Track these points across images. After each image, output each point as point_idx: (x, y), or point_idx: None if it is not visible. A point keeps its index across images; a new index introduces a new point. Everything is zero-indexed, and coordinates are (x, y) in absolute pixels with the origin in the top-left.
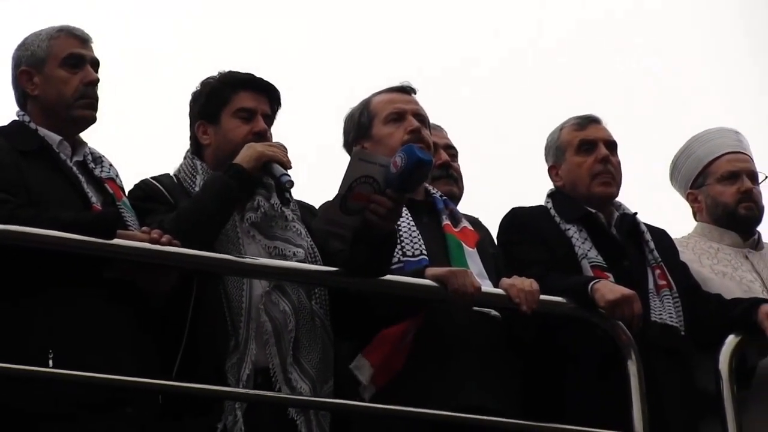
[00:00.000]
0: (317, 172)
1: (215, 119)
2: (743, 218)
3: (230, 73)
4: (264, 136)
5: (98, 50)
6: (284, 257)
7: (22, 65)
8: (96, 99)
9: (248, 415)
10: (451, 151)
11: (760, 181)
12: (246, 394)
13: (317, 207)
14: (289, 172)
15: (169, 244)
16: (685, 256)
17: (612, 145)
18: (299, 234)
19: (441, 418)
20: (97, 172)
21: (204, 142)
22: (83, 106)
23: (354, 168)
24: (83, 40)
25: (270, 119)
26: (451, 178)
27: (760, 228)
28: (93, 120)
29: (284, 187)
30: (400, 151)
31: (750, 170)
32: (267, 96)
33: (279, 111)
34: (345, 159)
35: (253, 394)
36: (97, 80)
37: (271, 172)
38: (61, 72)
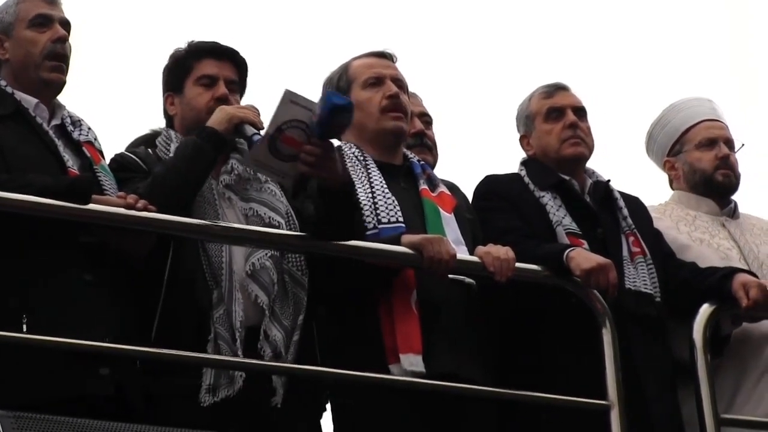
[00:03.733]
0: None
1: (180, 89)
2: (721, 185)
3: (194, 42)
4: (226, 100)
5: (71, 10)
6: (261, 219)
7: None
8: (65, 59)
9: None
10: (426, 118)
11: (736, 148)
12: (220, 361)
13: None
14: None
15: (145, 209)
16: (662, 223)
17: (581, 111)
18: (274, 195)
19: (415, 386)
20: (75, 135)
21: (171, 113)
22: (51, 69)
23: (283, 110)
24: (50, 1)
25: (237, 85)
26: (425, 146)
27: (736, 197)
28: (61, 84)
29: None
30: (320, 99)
31: (727, 137)
32: (231, 62)
33: (247, 76)
34: None
35: (228, 360)
36: (65, 37)
37: (243, 133)
38: (29, 33)
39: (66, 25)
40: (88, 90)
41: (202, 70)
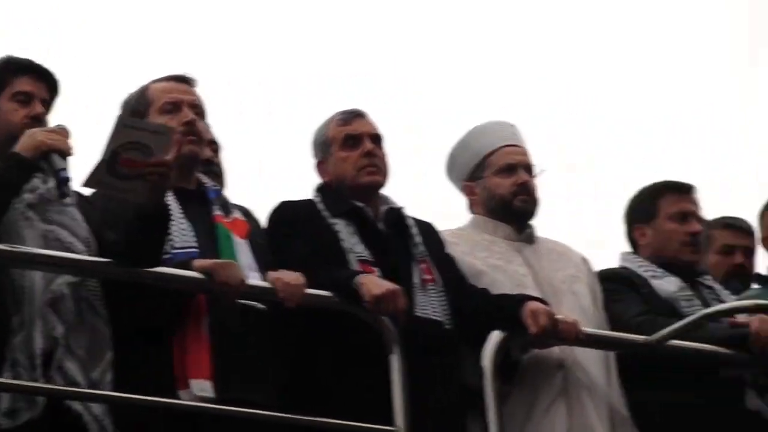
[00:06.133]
0: None
1: None
2: (518, 210)
3: (10, 57)
4: (40, 120)
5: None
6: (60, 242)
7: None
8: None
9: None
10: (214, 146)
11: (536, 173)
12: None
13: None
14: (71, 159)
15: None
16: (458, 248)
17: (377, 139)
18: (75, 219)
19: (204, 410)
20: None
21: None
22: None
23: (118, 134)
24: None
25: (48, 105)
26: (214, 173)
27: (534, 222)
28: None
29: (61, 182)
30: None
31: (526, 163)
32: (45, 82)
33: (57, 98)
34: None
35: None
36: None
37: (51, 164)
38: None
39: None
40: None
41: (19, 87)
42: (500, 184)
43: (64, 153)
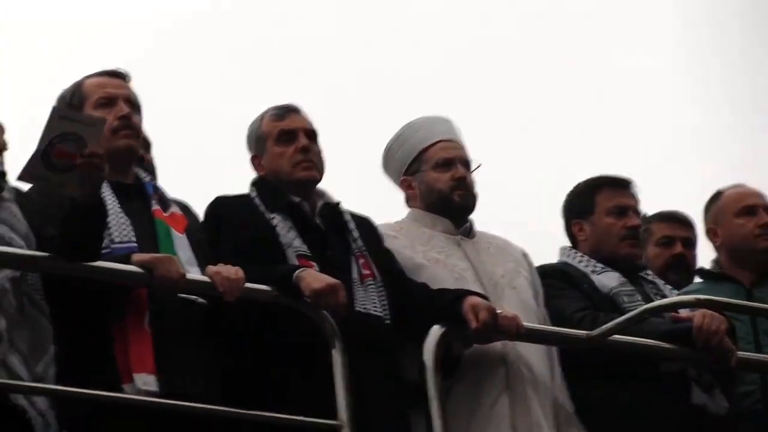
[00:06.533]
0: None
1: None
2: (457, 205)
3: None
4: None
5: None
6: (0, 238)
7: None
8: None
9: None
10: (145, 144)
11: (472, 168)
12: None
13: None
14: (5, 155)
15: None
16: (398, 242)
17: (312, 134)
18: (14, 215)
19: (145, 404)
20: None
21: None
22: None
23: (53, 125)
24: None
25: None
26: (145, 170)
27: (472, 216)
28: None
29: None
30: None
31: (463, 158)
32: None
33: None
34: None
35: None
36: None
37: None
38: None
39: None
40: None
41: None
42: (438, 179)
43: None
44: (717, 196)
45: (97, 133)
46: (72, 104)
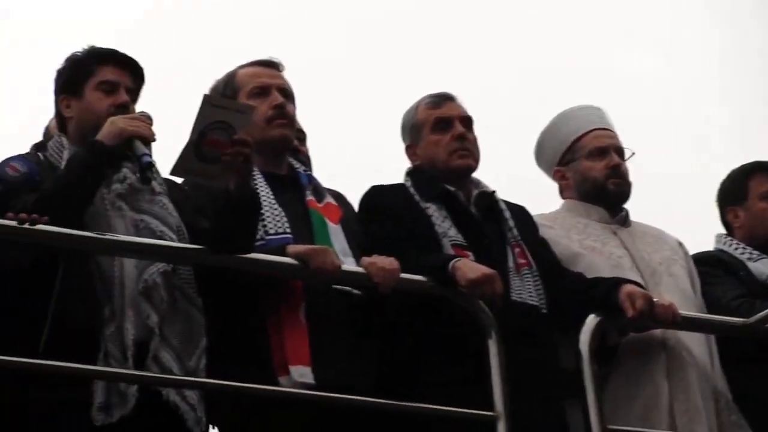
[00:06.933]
0: None
1: (78, 92)
2: (612, 193)
3: (94, 47)
4: (126, 108)
5: None
6: (152, 232)
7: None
8: None
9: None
10: (300, 135)
11: (626, 157)
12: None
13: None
14: (154, 145)
15: (38, 222)
16: (553, 231)
17: (467, 121)
18: (165, 208)
19: (303, 397)
20: None
21: (67, 116)
22: None
23: (205, 114)
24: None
25: (134, 94)
26: (300, 162)
27: (627, 205)
28: None
29: (144, 167)
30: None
31: (617, 146)
32: (130, 71)
33: (142, 87)
34: None
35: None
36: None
37: (133, 150)
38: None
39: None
40: None
41: (104, 76)
42: (592, 168)
43: (147, 139)
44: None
45: (246, 121)
46: (225, 95)
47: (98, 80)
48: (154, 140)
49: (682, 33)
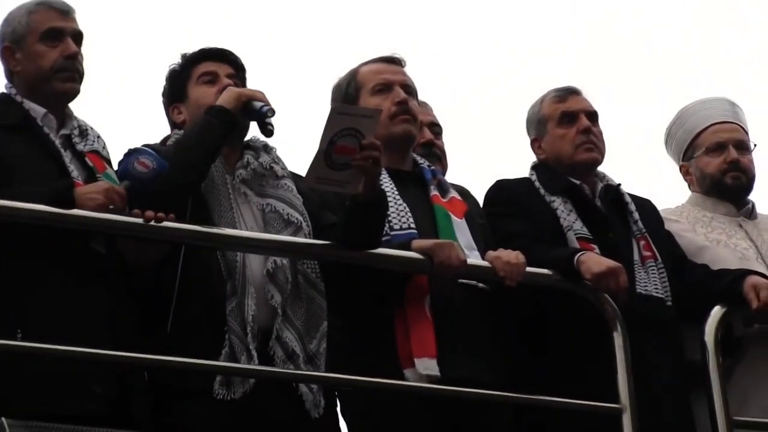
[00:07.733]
0: None
1: (184, 97)
2: (731, 188)
3: (184, 53)
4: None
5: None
6: (278, 215)
7: (6, 41)
8: (77, 71)
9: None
10: (436, 129)
11: (751, 149)
12: (233, 368)
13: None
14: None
15: (159, 219)
16: (678, 225)
17: (593, 116)
18: (291, 191)
19: (428, 391)
20: (79, 146)
21: (179, 121)
22: (63, 79)
23: (333, 122)
24: (63, 12)
25: (237, 78)
26: (435, 156)
27: (753, 197)
28: (75, 93)
29: (266, 115)
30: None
31: (737, 139)
32: (226, 61)
33: (245, 74)
34: None
35: (236, 367)
36: (76, 53)
37: (252, 108)
38: (40, 47)
39: (78, 37)
40: (99, 97)
41: (201, 70)
42: (710, 164)
43: (263, 101)
44: None
45: (373, 125)
46: (348, 93)
47: (197, 76)
48: (269, 104)
49: None
